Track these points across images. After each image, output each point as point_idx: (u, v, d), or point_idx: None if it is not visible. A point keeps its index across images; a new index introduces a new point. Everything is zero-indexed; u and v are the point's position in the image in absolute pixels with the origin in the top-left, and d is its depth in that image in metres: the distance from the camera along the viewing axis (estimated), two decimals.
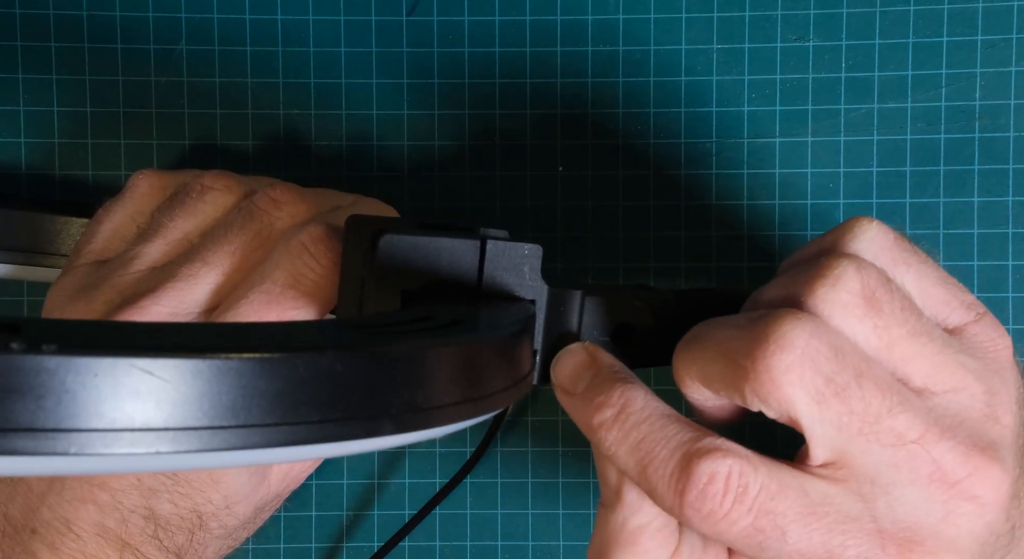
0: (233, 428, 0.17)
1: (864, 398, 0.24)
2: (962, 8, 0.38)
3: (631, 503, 0.26)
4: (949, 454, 0.24)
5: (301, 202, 0.32)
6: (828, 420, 0.24)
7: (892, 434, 0.24)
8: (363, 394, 0.19)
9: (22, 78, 0.39)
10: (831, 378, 0.24)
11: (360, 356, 0.19)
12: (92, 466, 0.16)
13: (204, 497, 0.31)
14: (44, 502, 0.31)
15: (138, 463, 0.16)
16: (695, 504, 0.24)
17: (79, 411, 0.15)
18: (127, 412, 0.16)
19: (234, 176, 0.34)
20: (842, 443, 0.24)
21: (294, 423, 0.18)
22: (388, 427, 0.19)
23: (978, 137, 0.38)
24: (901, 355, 0.25)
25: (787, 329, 0.24)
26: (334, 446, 0.19)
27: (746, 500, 0.24)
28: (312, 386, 0.18)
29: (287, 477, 0.34)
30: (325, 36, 0.39)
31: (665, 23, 0.38)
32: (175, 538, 0.31)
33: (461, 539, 0.39)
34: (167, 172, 0.35)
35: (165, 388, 0.16)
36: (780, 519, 0.24)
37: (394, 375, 0.19)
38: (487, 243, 0.27)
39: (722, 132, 0.38)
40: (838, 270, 0.25)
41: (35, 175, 0.39)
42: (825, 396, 0.24)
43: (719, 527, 0.24)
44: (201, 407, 0.16)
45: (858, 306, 0.25)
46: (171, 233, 0.33)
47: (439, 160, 0.39)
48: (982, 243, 0.38)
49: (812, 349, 0.23)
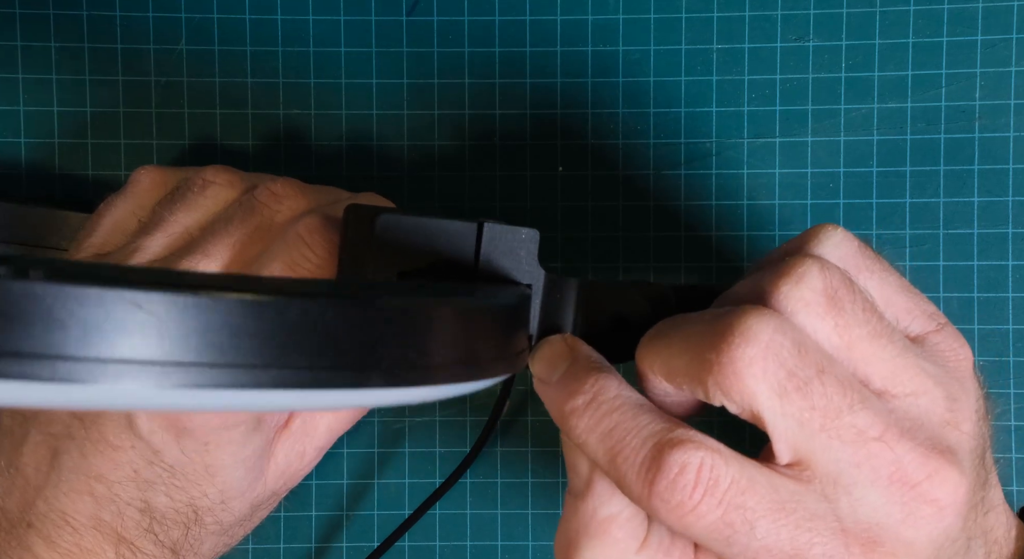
0: (220, 367, 0.17)
1: (825, 394, 0.24)
2: (962, 8, 0.38)
3: (601, 492, 0.26)
4: (909, 455, 0.24)
5: (301, 196, 0.33)
6: (790, 414, 0.24)
7: (853, 430, 0.24)
8: (354, 344, 0.19)
9: (22, 78, 0.39)
10: (793, 372, 0.24)
11: (353, 306, 0.19)
12: (76, 397, 0.16)
13: (200, 491, 0.31)
14: (40, 495, 0.31)
15: (123, 397, 0.16)
16: (664, 495, 0.23)
17: (66, 339, 0.15)
18: (114, 344, 0.16)
19: (235, 171, 0.34)
20: (804, 440, 0.24)
21: (282, 367, 0.17)
22: (378, 379, 0.19)
23: (978, 137, 0.38)
24: (861, 355, 0.25)
25: (751, 323, 0.24)
26: (324, 395, 0.19)
27: (716, 493, 0.23)
28: (302, 331, 0.18)
29: (284, 475, 0.34)
30: (325, 36, 0.39)
31: (665, 23, 0.38)
32: (171, 532, 0.31)
33: (461, 539, 0.39)
34: (169, 168, 0.35)
35: (153, 322, 0.16)
36: (749, 514, 0.24)
37: (387, 328, 0.19)
38: (484, 226, 0.27)
39: (722, 132, 0.38)
40: (802, 268, 0.25)
41: (35, 175, 0.39)
42: (787, 390, 0.24)
43: (687, 520, 0.24)
44: (188, 343, 0.16)
45: (820, 304, 0.25)
46: (172, 227, 0.33)
47: (439, 160, 0.39)
48: (982, 243, 0.38)
49: (776, 343, 0.24)
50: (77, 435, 0.31)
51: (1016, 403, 0.38)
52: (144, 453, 0.30)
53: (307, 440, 0.34)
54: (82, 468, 0.30)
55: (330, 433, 0.34)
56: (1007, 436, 0.38)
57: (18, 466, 0.31)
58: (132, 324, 0.16)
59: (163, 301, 0.16)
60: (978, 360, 0.38)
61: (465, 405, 0.39)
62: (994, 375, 0.38)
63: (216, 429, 0.30)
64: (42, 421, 0.31)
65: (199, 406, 0.18)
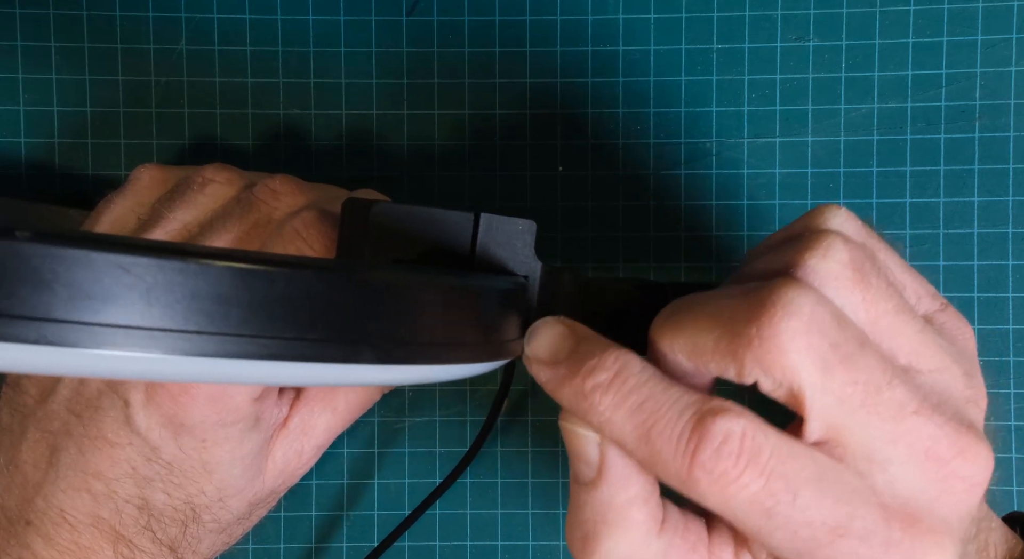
0: (207, 334, 0.16)
1: (868, 367, 0.23)
2: (962, 8, 0.38)
3: (617, 478, 0.25)
4: (941, 431, 0.24)
5: (299, 193, 0.33)
6: (831, 390, 0.23)
7: (893, 405, 0.23)
8: (344, 317, 0.18)
9: (22, 77, 0.39)
10: (838, 345, 0.23)
11: (343, 279, 0.19)
12: (60, 361, 0.16)
13: (197, 488, 0.31)
14: (39, 492, 0.31)
15: (108, 363, 0.16)
16: (708, 465, 0.22)
17: (52, 301, 0.15)
18: (101, 307, 0.15)
19: (235, 169, 0.34)
20: (843, 417, 0.23)
21: (270, 337, 0.17)
22: (367, 354, 0.19)
23: (978, 137, 0.38)
24: (887, 331, 0.25)
25: (793, 295, 0.23)
26: (312, 369, 0.18)
27: (759, 462, 0.22)
28: (292, 303, 0.18)
29: (283, 473, 0.34)
30: (325, 36, 0.39)
31: (665, 23, 0.38)
32: (168, 530, 0.31)
33: (461, 539, 0.39)
34: (169, 166, 0.35)
35: (140, 287, 0.16)
36: (792, 483, 0.23)
37: (378, 303, 0.19)
38: (480, 216, 0.27)
39: (722, 132, 0.38)
40: (827, 241, 0.24)
41: (35, 174, 0.39)
42: (831, 364, 0.23)
43: (729, 491, 0.22)
44: (175, 310, 0.16)
45: (848, 277, 0.24)
46: (171, 224, 0.33)
47: (439, 160, 0.39)
48: (982, 243, 0.38)
49: (819, 316, 0.23)
50: (75, 432, 0.31)
51: (1016, 403, 0.38)
52: (142, 450, 0.30)
53: (305, 439, 0.34)
54: (80, 465, 0.30)
55: (328, 432, 0.34)
56: (1007, 436, 0.38)
57: (17, 463, 0.31)
58: (119, 288, 0.16)
59: (151, 266, 0.16)
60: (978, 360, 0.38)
61: (465, 405, 0.39)
62: (994, 375, 0.38)
63: (214, 426, 0.30)
64: (40, 418, 0.31)
65: (185, 374, 0.17)
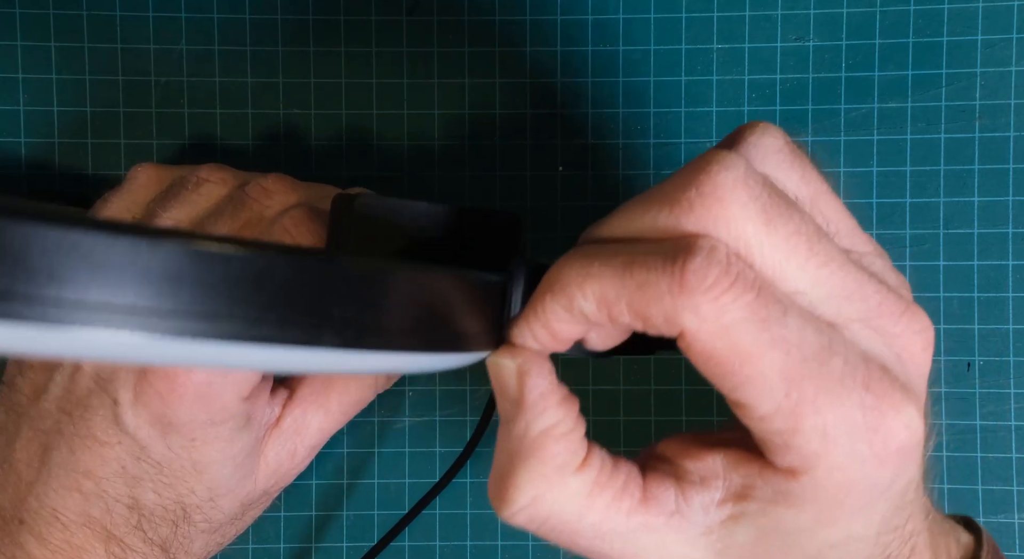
0: (162, 312, 0.16)
1: (804, 220, 0.23)
2: (962, 8, 0.38)
3: (533, 405, 0.24)
4: (882, 291, 0.23)
5: (291, 191, 0.33)
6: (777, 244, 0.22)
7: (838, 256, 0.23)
8: (306, 300, 0.18)
9: (22, 78, 0.39)
10: (773, 197, 0.22)
11: (305, 262, 0.18)
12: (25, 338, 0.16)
13: (187, 488, 0.31)
14: (32, 492, 0.31)
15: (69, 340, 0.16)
16: (700, 272, 0.21)
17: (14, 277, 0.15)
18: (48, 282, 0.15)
19: (230, 170, 0.34)
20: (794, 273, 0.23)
21: (228, 317, 0.17)
22: (330, 338, 0.19)
23: (978, 137, 0.38)
24: (825, 210, 0.25)
25: (725, 155, 0.22)
26: (276, 351, 0.18)
27: (748, 277, 0.22)
28: (254, 284, 0.17)
29: (276, 474, 0.34)
30: (325, 36, 0.39)
31: (665, 23, 0.38)
32: (159, 529, 0.31)
33: (461, 539, 0.39)
34: (166, 165, 0.35)
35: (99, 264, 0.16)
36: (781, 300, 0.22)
37: (341, 287, 0.19)
38: (463, 210, 0.27)
39: (722, 132, 0.38)
40: (762, 125, 0.25)
41: (35, 174, 0.39)
42: (772, 215, 0.22)
43: (722, 301, 0.21)
44: (139, 289, 0.16)
45: (787, 152, 0.24)
46: (164, 222, 0.33)
47: (439, 160, 0.39)
48: (982, 243, 0.38)
49: (753, 172, 0.22)
50: (66, 431, 0.31)
51: (1016, 403, 0.38)
52: (131, 449, 0.30)
53: (298, 439, 0.34)
54: (71, 464, 0.30)
55: (322, 432, 0.34)
56: (1007, 436, 0.38)
57: (11, 462, 0.31)
58: (83, 265, 0.16)
59: (114, 244, 0.16)
60: (978, 360, 0.38)
61: (465, 405, 0.39)
62: (994, 375, 0.38)
63: (203, 425, 0.30)
64: (33, 417, 0.31)
65: (138, 354, 0.17)
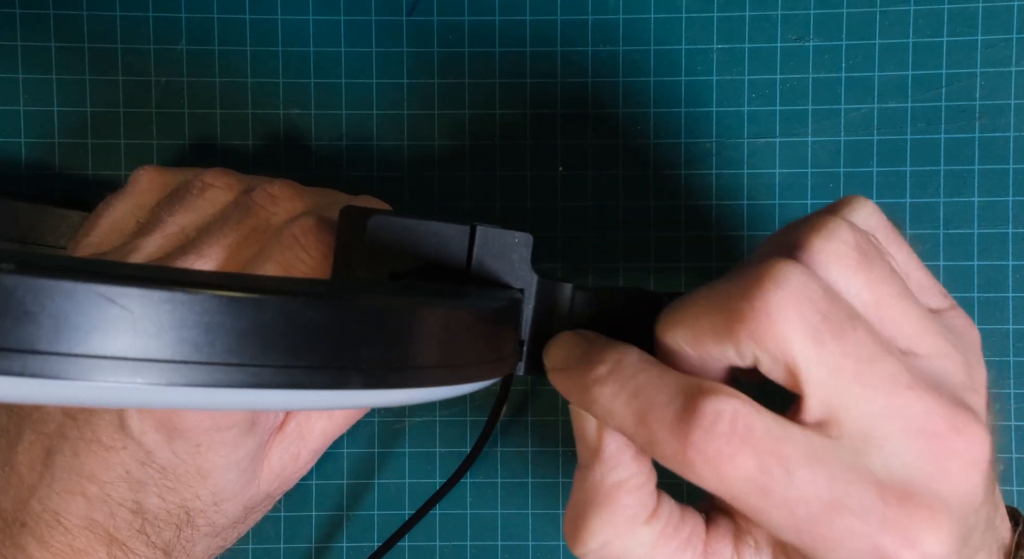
0: (195, 364, 0.16)
1: (859, 340, 0.23)
2: (962, 8, 0.38)
3: (609, 458, 0.26)
4: (938, 406, 0.24)
5: (298, 198, 0.32)
6: (824, 362, 0.23)
7: (887, 378, 0.24)
8: (332, 343, 0.18)
9: (22, 78, 0.39)
10: (827, 316, 0.23)
11: (331, 305, 0.18)
12: (48, 392, 0.16)
13: (192, 492, 0.31)
14: (34, 495, 0.31)
15: (96, 393, 0.16)
16: (700, 445, 0.23)
17: (38, 334, 0.15)
18: (87, 338, 0.15)
19: (235, 174, 0.34)
20: (838, 392, 0.24)
21: (258, 365, 0.17)
22: (356, 380, 0.19)
23: (978, 137, 0.38)
24: (889, 314, 0.25)
25: (781, 268, 0.23)
26: (301, 395, 0.18)
27: (752, 441, 0.23)
28: (279, 330, 0.17)
29: (279, 477, 0.34)
30: (325, 36, 0.39)
31: (665, 23, 0.38)
32: (162, 533, 0.31)
33: (461, 539, 0.39)
34: (169, 169, 0.35)
35: (126, 317, 0.16)
36: (786, 462, 0.23)
37: (366, 328, 0.19)
38: (477, 229, 0.27)
39: (722, 132, 0.38)
40: (832, 224, 0.25)
41: (35, 175, 0.39)
42: (821, 334, 0.23)
43: (723, 470, 0.23)
44: (162, 339, 0.16)
45: (852, 258, 0.24)
46: (169, 228, 0.33)
47: (439, 160, 0.39)
48: (982, 243, 0.38)
49: (808, 287, 0.23)
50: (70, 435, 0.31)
51: (1016, 403, 0.38)
52: (136, 454, 0.30)
53: (302, 443, 0.34)
54: (75, 468, 0.30)
55: (325, 436, 0.34)
56: (1007, 436, 0.38)
57: (13, 465, 0.31)
58: (105, 319, 0.15)
59: (137, 296, 0.16)
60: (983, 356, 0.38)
61: (465, 405, 0.39)
62: (994, 375, 0.38)
63: (208, 431, 0.30)
64: (36, 420, 0.31)
65: (174, 403, 0.18)
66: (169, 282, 0.16)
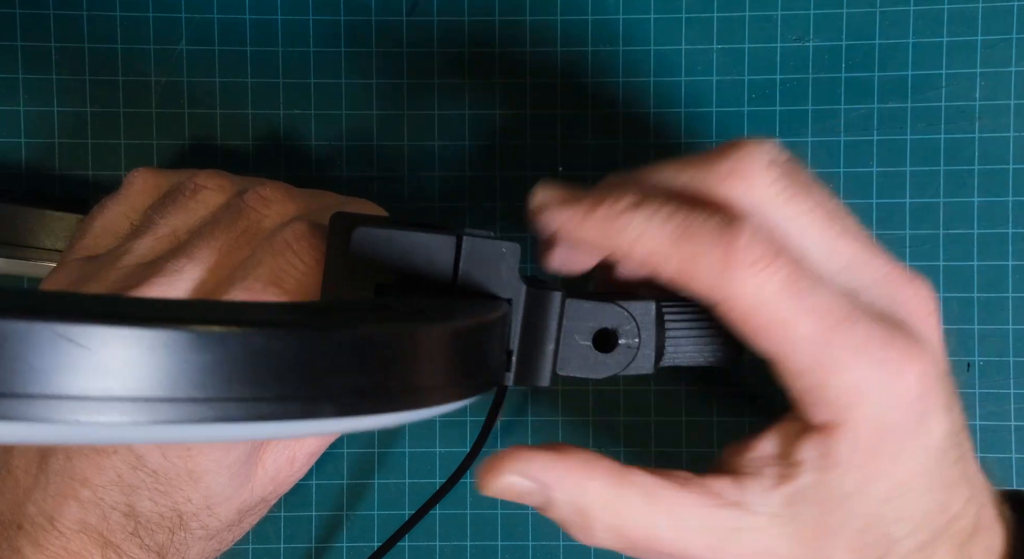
0: (159, 401, 0.16)
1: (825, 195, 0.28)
2: (962, 8, 0.38)
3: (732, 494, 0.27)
4: (893, 262, 0.27)
5: (290, 201, 0.32)
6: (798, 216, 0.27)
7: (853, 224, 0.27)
8: (301, 374, 0.18)
9: (22, 78, 0.39)
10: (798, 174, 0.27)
11: (299, 335, 0.18)
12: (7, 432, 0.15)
13: (184, 496, 0.31)
14: (29, 497, 0.31)
15: (55, 433, 0.16)
16: (746, 250, 0.25)
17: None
18: (45, 378, 0.15)
19: (228, 176, 0.34)
20: None
21: (226, 399, 0.17)
22: (328, 410, 0.18)
23: (978, 137, 0.38)
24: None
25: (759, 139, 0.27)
26: (273, 426, 0.18)
27: (784, 253, 0.25)
28: (246, 362, 0.17)
29: (273, 481, 0.34)
30: (325, 36, 0.39)
31: (665, 23, 0.38)
32: (156, 536, 0.31)
33: (461, 539, 0.39)
34: (163, 171, 0.35)
35: (86, 356, 0.15)
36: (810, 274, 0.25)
37: (337, 357, 0.18)
38: (463, 239, 0.26)
39: (722, 132, 0.38)
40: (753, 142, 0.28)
41: (35, 175, 0.39)
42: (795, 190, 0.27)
43: (764, 274, 0.25)
44: (124, 377, 0.16)
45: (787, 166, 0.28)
46: (160, 230, 0.32)
47: (439, 160, 0.39)
48: (982, 243, 0.38)
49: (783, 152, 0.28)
50: None
51: (1016, 403, 0.38)
52: (127, 458, 0.30)
53: (297, 446, 0.34)
54: (68, 472, 0.30)
55: (321, 439, 0.34)
56: (1007, 436, 0.38)
57: (9, 468, 0.31)
58: (63, 358, 0.15)
59: (95, 334, 0.15)
60: (978, 360, 0.38)
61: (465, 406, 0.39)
62: (994, 375, 0.38)
63: None
64: None
65: (142, 439, 0.17)
66: (127, 318, 0.16)
